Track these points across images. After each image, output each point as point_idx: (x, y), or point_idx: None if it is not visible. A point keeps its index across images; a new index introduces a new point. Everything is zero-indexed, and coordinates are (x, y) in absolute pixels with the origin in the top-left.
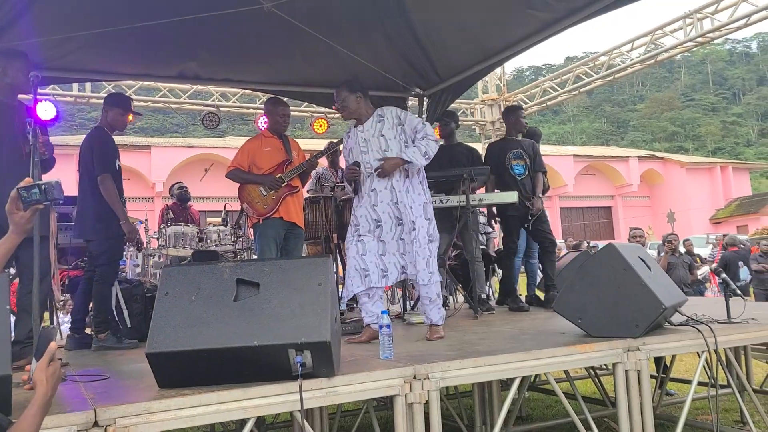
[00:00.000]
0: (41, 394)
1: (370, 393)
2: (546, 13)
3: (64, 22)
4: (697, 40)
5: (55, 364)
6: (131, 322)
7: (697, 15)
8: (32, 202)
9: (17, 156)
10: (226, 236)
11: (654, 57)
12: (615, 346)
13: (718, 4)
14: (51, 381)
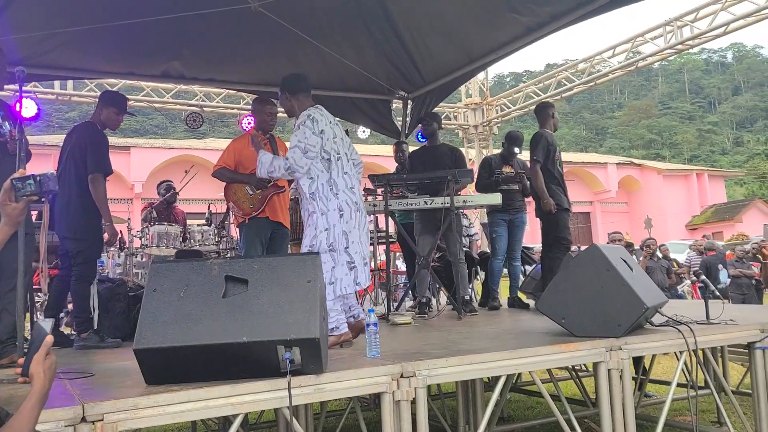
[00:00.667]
0: (39, 387)
1: (358, 390)
2: (529, 18)
3: (45, 18)
4: (677, 48)
5: (51, 357)
6: (113, 321)
7: (677, 23)
8: (26, 194)
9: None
10: (209, 236)
11: (634, 63)
12: (598, 345)
13: (698, 12)
14: (48, 374)
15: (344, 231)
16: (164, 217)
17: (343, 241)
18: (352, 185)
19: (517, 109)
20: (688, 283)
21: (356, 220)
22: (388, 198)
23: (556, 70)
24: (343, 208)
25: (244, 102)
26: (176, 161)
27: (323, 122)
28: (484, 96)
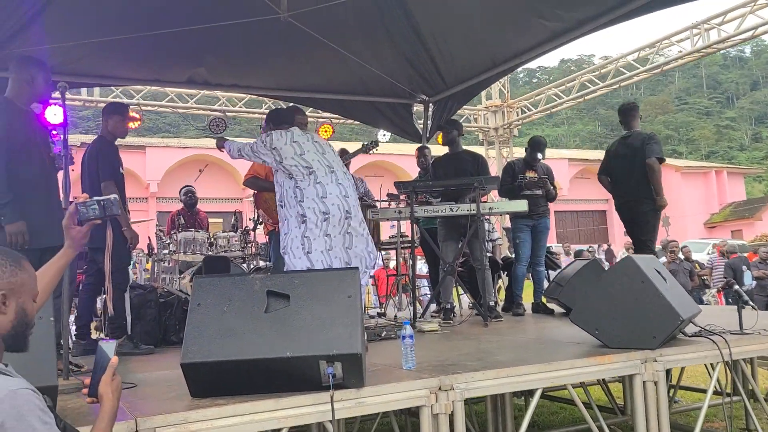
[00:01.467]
0: (109, 408)
1: (398, 404)
2: (555, 24)
3: (75, 28)
4: (704, 51)
5: (117, 378)
6: (145, 327)
7: (704, 26)
8: (90, 218)
9: (44, 163)
10: (235, 242)
11: (659, 67)
12: (632, 357)
13: (725, 15)
14: (116, 394)
15: (306, 237)
16: (190, 223)
17: (300, 245)
18: (325, 194)
19: (538, 112)
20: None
21: (322, 228)
22: (413, 204)
23: (579, 73)
24: (306, 215)
25: (265, 107)
26: (191, 160)
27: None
28: (505, 98)
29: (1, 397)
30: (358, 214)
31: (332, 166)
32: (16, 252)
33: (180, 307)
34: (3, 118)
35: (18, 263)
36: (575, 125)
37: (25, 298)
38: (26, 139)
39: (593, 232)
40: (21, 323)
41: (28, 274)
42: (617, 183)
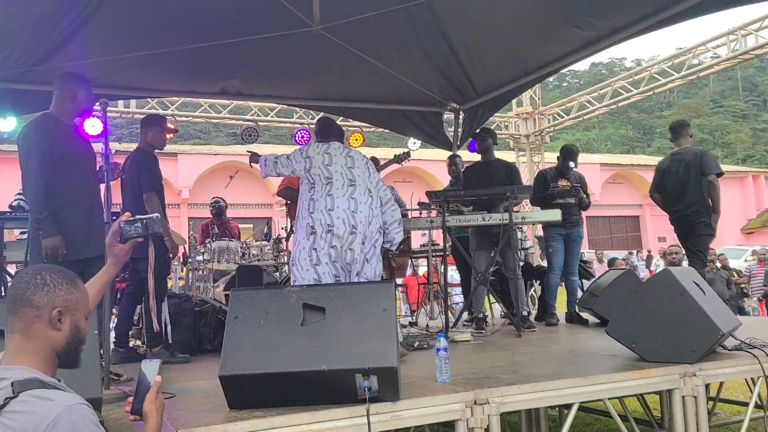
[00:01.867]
0: (153, 426)
1: (433, 417)
2: (589, 32)
3: (114, 42)
4: (741, 57)
5: (160, 396)
6: (181, 335)
7: (740, 32)
8: (133, 236)
9: (87, 176)
10: (267, 251)
11: (696, 72)
12: (671, 371)
13: (762, 21)
14: (160, 412)
15: (314, 248)
16: (222, 232)
17: (308, 257)
18: (332, 207)
19: (570, 119)
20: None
21: (327, 240)
22: (445, 214)
23: (612, 80)
24: (315, 227)
25: (296, 116)
26: (222, 167)
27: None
28: (536, 105)
29: (59, 412)
30: (366, 231)
31: (354, 180)
32: (71, 271)
33: (214, 316)
34: (45, 134)
35: (73, 282)
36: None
37: (78, 315)
38: (68, 153)
39: (626, 238)
40: (75, 340)
41: (82, 292)
42: (672, 199)
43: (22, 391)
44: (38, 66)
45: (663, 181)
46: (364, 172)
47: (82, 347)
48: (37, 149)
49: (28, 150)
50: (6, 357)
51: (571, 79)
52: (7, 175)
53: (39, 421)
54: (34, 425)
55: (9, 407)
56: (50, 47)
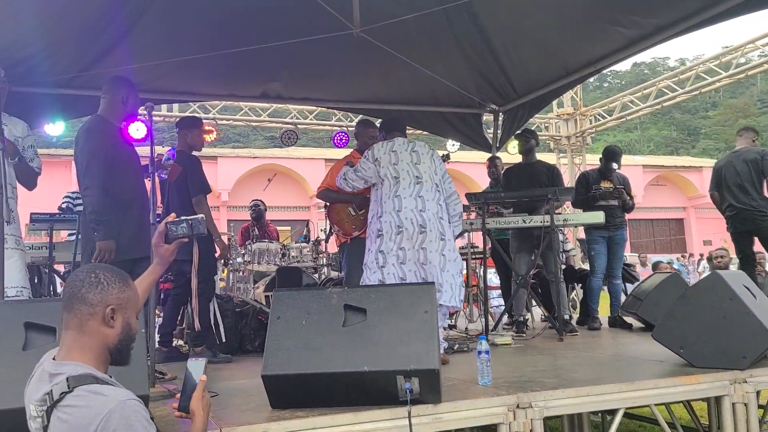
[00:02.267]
0: (200, 425)
1: (475, 421)
2: (633, 31)
3: (158, 48)
4: None
5: (206, 395)
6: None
7: None
8: (178, 236)
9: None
10: (307, 253)
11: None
12: (721, 378)
13: None
14: (206, 411)
15: (380, 251)
16: (262, 234)
17: (375, 260)
18: (400, 208)
19: (612, 120)
20: None
21: (396, 241)
22: (485, 216)
23: (656, 79)
24: (383, 229)
25: (335, 118)
26: (260, 170)
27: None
28: (577, 106)
29: (113, 407)
30: (436, 229)
31: (421, 177)
32: (123, 271)
33: (255, 317)
34: (104, 137)
35: (125, 281)
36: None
37: (130, 313)
38: (119, 155)
39: (669, 241)
40: (126, 337)
41: (134, 291)
42: (734, 196)
43: (77, 386)
44: (85, 72)
45: (722, 178)
46: (430, 166)
47: (132, 345)
48: (99, 152)
49: (90, 153)
50: (61, 353)
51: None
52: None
53: (93, 415)
54: (89, 419)
55: (64, 401)
56: (97, 53)
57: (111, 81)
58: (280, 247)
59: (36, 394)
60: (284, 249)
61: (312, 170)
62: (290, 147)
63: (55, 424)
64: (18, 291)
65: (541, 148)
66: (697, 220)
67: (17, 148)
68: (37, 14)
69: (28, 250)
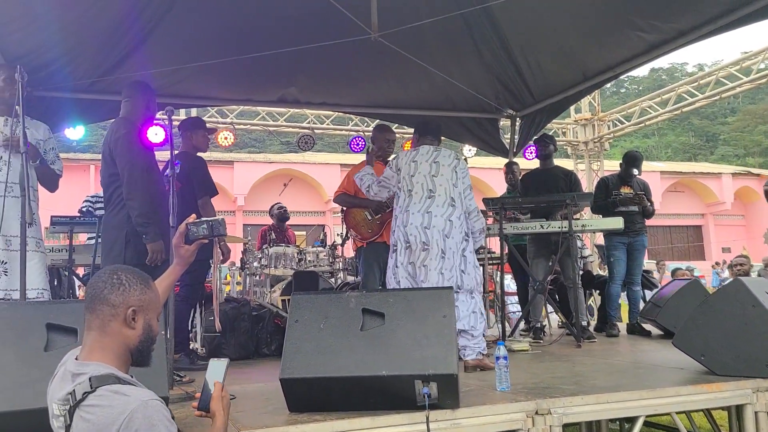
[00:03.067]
0: (221, 424)
1: (493, 427)
2: (653, 35)
3: (176, 53)
4: None
5: (227, 395)
6: (239, 339)
7: None
8: (198, 237)
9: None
10: (323, 257)
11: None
12: (743, 386)
13: None
14: (227, 410)
15: (396, 267)
16: (280, 238)
17: (392, 275)
18: (406, 223)
19: (630, 125)
20: None
21: (406, 256)
22: (502, 221)
23: (675, 85)
24: (396, 244)
25: (352, 123)
26: (276, 175)
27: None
28: (595, 111)
29: (135, 407)
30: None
31: (434, 191)
32: (143, 272)
33: (271, 321)
34: (138, 140)
35: (146, 282)
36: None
37: (151, 315)
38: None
39: (688, 248)
40: (147, 338)
41: (155, 293)
42: None
43: (100, 386)
44: (105, 77)
45: None
46: (450, 179)
47: (153, 346)
48: (139, 157)
49: (133, 158)
50: (83, 353)
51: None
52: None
53: (116, 415)
54: (111, 419)
55: (87, 401)
56: (117, 58)
57: (132, 85)
58: (297, 252)
59: (58, 394)
60: (301, 253)
61: (328, 175)
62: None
63: (77, 423)
64: (38, 293)
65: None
66: (715, 227)
67: (39, 151)
68: (57, 20)
69: (49, 253)
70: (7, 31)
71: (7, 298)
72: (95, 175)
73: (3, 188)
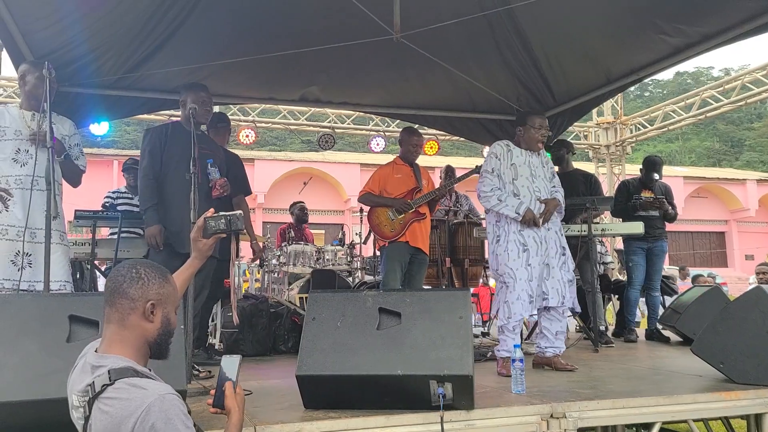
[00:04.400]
0: (236, 420)
1: (508, 429)
2: (677, 39)
3: (199, 51)
4: None
5: (241, 391)
6: (256, 336)
7: None
8: (216, 231)
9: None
10: (342, 256)
11: None
12: (762, 395)
13: None
14: (242, 407)
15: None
16: (299, 237)
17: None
18: None
19: (654, 129)
20: None
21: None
22: None
23: (700, 89)
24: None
25: (372, 123)
26: (296, 173)
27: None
28: (618, 115)
29: (152, 400)
30: None
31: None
32: (162, 266)
33: (289, 318)
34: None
35: (165, 276)
36: (691, 141)
37: (169, 308)
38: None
39: (710, 255)
40: (165, 332)
41: (173, 287)
42: None
43: (118, 379)
44: (130, 74)
45: None
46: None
47: (171, 339)
48: (148, 150)
49: (143, 150)
50: (103, 345)
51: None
52: (98, 177)
53: (134, 408)
54: (129, 411)
55: (106, 393)
56: (142, 56)
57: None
58: (315, 250)
59: (78, 385)
60: (319, 251)
61: (347, 175)
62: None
63: (96, 415)
64: (61, 285)
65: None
66: (739, 234)
67: (64, 146)
68: (84, 18)
69: (72, 246)
70: (35, 28)
71: (30, 289)
72: (118, 170)
73: (30, 182)
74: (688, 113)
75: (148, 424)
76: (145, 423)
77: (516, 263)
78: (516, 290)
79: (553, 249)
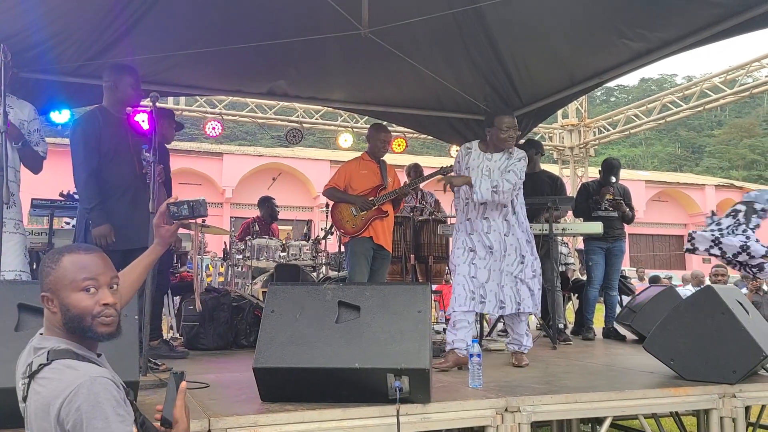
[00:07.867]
0: (183, 428)
1: (463, 422)
2: (639, 44)
3: (165, 41)
4: None
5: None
6: (218, 329)
7: None
8: (180, 218)
9: (132, 169)
10: (306, 251)
11: (749, 89)
12: (710, 391)
13: None
14: (188, 417)
15: None
16: (264, 231)
17: None
18: None
19: (616, 132)
20: None
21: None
22: None
23: (660, 94)
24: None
25: (341, 119)
26: (265, 168)
27: None
28: (582, 117)
29: (81, 382)
30: None
31: None
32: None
33: (251, 312)
34: (93, 127)
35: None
36: (653, 146)
37: (64, 294)
38: (116, 145)
39: (669, 257)
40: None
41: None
42: None
43: (55, 360)
44: (92, 61)
45: None
46: None
47: (87, 321)
48: (85, 141)
49: (77, 142)
50: (44, 329)
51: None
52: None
53: (63, 388)
54: (57, 392)
55: (41, 374)
56: (105, 43)
57: (106, 68)
58: (280, 244)
59: (21, 368)
60: (284, 246)
61: (317, 171)
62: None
63: (31, 396)
64: (16, 274)
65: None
66: None
67: (21, 133)
68: (45, 2)
69: (28, 236)
70: None
71: None
72: None
73: None
74: (649, 117)
75: (74, 406)
76: (71, 404)
77: (459, 260)
78: (457, 284)
79: (512, 257)
